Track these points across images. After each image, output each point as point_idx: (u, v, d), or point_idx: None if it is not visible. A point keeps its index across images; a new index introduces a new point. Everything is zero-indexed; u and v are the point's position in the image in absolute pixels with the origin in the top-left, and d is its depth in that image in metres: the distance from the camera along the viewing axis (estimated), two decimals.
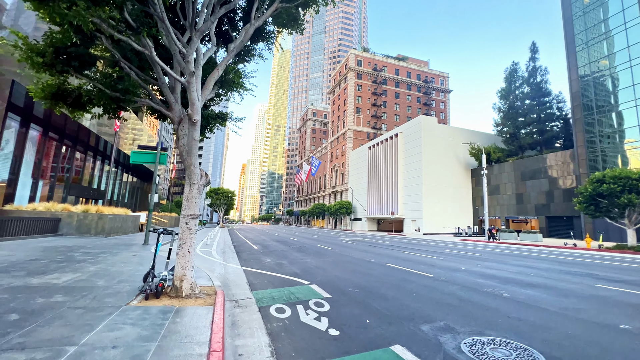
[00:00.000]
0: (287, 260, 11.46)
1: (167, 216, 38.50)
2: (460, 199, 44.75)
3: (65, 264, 7.59)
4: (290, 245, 17.94)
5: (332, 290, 6.58)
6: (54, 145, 23.61)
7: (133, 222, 21.99)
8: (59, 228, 16.14)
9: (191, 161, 5.61)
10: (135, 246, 12.83)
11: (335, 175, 76.32)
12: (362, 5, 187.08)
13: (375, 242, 23.29)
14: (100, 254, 9.72)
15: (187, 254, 5.42)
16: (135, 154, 14.97)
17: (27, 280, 5.69)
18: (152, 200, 14.09)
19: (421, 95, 77.37)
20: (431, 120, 45.21)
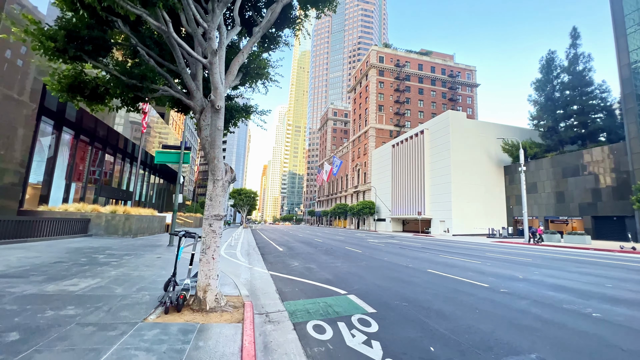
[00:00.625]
0: (315, 264, 10.64)
1: (192, 217, 39.02)
2: (492, 198, 42.11)
3: (87, 268, 7.19)
4: (316, 247, 17.14)
5: (376, 303, 5.66)
6: (85, 148, 24.30)
7: (159, 223, 22.11)
8: (89, 229, 16.31)
9: (214, 154, 4.90)
10: (160, 247, 12.53)
11: (357, 175, 74.94)
12: (381, 1, 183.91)
13: (404, 244, 22.01)
14: (124, 256, 9.36)
15: (211, 260, 4.71)
16: (159, 154, 14.77)
17: (43, 287, 5.22)
18: (177, 201, 13.79)
19: (446, 90, 74.30)
20: (460, 115, 42.92)
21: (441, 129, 42.91)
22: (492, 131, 43.50)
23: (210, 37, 4.68)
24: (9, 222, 11.54)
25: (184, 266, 7.51)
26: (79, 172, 23.71)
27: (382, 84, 70.61)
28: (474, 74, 77.67)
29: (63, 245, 11.40)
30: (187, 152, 14.87)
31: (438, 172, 42.71)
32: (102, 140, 26.08)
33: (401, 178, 51.69)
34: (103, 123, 21.75)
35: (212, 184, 4.91)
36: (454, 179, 40.09)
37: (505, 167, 43.02)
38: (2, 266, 6.85)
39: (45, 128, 19.47)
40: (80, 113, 19.98)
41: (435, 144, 43.97)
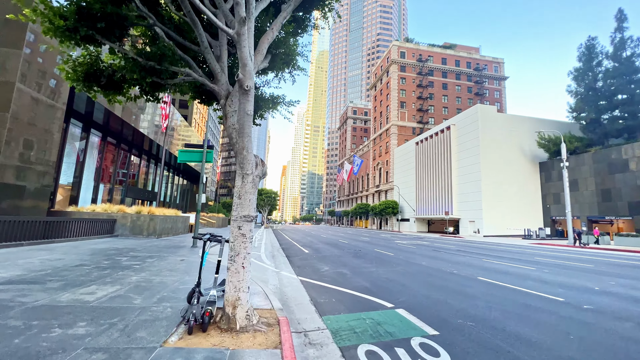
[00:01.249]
0: (347, 268, 9.76)
1: (215, 217, 39.26)
2: (526, 197, 39.40)
3: (108, 272, 6.71)
4: (342, 249, 16.26)
5: (434, 321, 4.71)
6: (112, 149, 24.75)
7: (183, 223, 22.04)
8: (115, 229, 16.31)
9: (243, 144, 4.14)
10: (184, 249, 12.12)
11: (378, 174, 73.23)
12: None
13: (436, 245, 20.65)
14: (147, 259, 8.92)
15: (240, 269, 3.96)
16: (182, 153, 14.44)
17: (57, 297, 4.68)
18: (200, 201, 13.36)
19: (472, 84, 71.02)
20: (490, 109, 40.51)
21: (469, 124, 40.68)
22: (525, 125, 40.76)
23: (237, 2, 3.93)
24: (39, 222, 11.51)
25: (209, 271, 6.89)
26: (106, 174, 24.16)
27: (404, 80, 68.52)
28: (501, 67, 73.77)
29: (88, 247, 11.20)
30: (210, 151, 14.45)
31: (466, 169, 40.53)
32: (128, 142, 26.52)
33: (426, 176, 49.70)
34: (129, 124, 21.98)
35: (241, 180, 4.16)
36: (484, 176, 37.82)
37: (540, 164, 40.12)
38: (22, 270, 6.49)
39: (75, 130, 19.84)
40: (107, 115, 20.24)
41: (463, 140, 41.77)
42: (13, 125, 11.89)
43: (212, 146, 14.69)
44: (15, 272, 6.26)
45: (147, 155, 31.37)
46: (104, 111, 19.60)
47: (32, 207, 12.96)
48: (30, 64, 12.66)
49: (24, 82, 12.30)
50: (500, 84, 72.84)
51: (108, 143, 23.91)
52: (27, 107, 12.52)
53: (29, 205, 12.84)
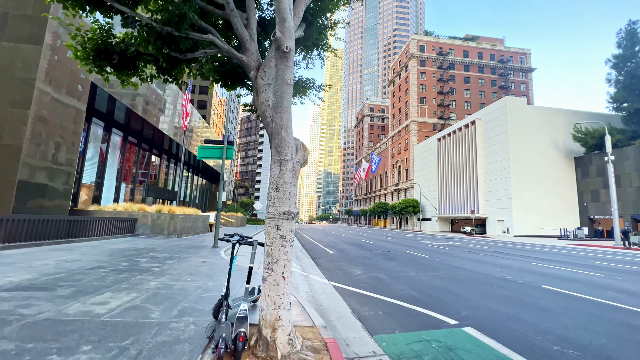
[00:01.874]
0: (382, 272, 8.80)
1: (234, 216, 39.13)
2: (560, 195, 36.83)
3: (125, 276, 6.07)
4: (369, 250, 15.26)
5: (519, 346, 3.69)
6: (133, 149, 24.81)
7: (203, 222, 21.71)
8: (136, 228, 16.04)
9: (281, 122, 3.29)
10: (205, 249, 11.52)
11: (397, 172, 71.37)
12: None
13: (470, 246, 19.26)
14: (167, 260, 8.31)
15: (280, 281, 3.11)
16: (202, 149, 13.91)
17: (64, 308, 4.01)
18: (221, 198, 12.75)
19: (496, 77, 67.83)
20: (519, 101, 38.14)
21: (496, 118, 38.47)
22: (559, 118, 38.11)
23: None
24: (60, 221, 11.23)
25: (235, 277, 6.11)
26: (128, 173, 24.24)
27: (424, 75, 66.31)
28: (528, 58, 70.05)
29: (108, 246, 10.79)
30: (230, 147, 13.84)
31: (494, 166, 38.36)
32: (148, 141, 26.58)
33: (449, 174, 47.67)
34: (149, 123, 21.86)
35: (278, 168, 3.31)
36: (513, 173, 35.61)
37: (576, 159, 37.39)
38: (34, 273, 5.96)
39: (97, 130, 19.86)
40: (128, 114, 20.15)
41: (490, 135, 39.58)
42: (34, 123, 11.68)
43: (232, 142, 14.09)
44: (26, 275, 5.72)
45: (167, 154, 31.49)
46: (125, 110, 19.49)
47: (54, 206, 12.78)
48: (51, 60, 12.44)
49: (44, 79, 12.07)
50: (526, 76, 69.22)
51: (129, 143, 23.96)
52: (48, 104, 12.31)
53: (51, 205, 12.66)
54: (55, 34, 12.52)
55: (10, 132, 11.33)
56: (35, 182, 11.91)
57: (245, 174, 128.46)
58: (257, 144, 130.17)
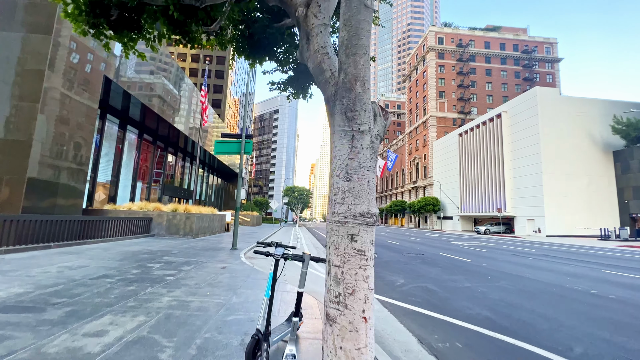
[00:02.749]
0: (430, 282, 7.51)
1: (250, 215, 38.45)
2: (597, 192, 34.16)
3: (134, 288, 5.07)
4: (399, 252, 13.95)
5: None
6: (148, 147, 24.31)
7: (220, 222, 20.91)
8: (151, 228, 15.31)
9: (356, 71, 2.10)
10: (223, 252, 10.53)
11: (415, 169, 69.18)
12: None
13: (507, 248, 17.60)
14: (183, 266, 7.32)
15: (360, 325, 1.92)
16: (219, 144, 12.95)
17: (46, 343, 2.98)
18: (240, 196, 11.74)
19: (520, 69, 64.53)
20: (551, 92, 35.60)
21: (526, 110, 36.06)
22: (595, 109, 35.35)
23: None
24: (72, 222, 10.50)
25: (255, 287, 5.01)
26: (143, 172, 23.76)
27: (443, 68, 63.82)
28: (554, 47, 66.28)
29: (120, 249, 9.96)
30: (249, 141, 12.82)
31: (523, 161, 36.01)
32: (164, 139, 26.07)
33: (472, 170, 45.41)
34: (165, 121, 21.23)
35: (349, 144, 2.12)
36: (546, 168, 33.24)
37: (615, 153, 34.58)
38: (29, 284, 5.03)
39: (112, 127, 19.34)
40: (143, 111, 19.53)
41: (518, 129, 37.20)
42: (44, 117, 10.99)
43: (250, 136, 13.06)
44: (17, 288, 4.79)
45: (183, 153, 31.03)
46: (141, 107, 18.86)
47: (67, 205, 12.12)
48: (62, 52, 11.74)
49: (54, 71, 11.38)
50: (553, 67, 65.55)
51: (145, 141, 23.46)
52: (58, 98, 11.62)
53: (64, 204, 11.99)
54: (66, 24, 11.81)
55: (19, 127, 10.67)
56: (46, 180, 11.24)
57: (259, 172, 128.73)
58: (270, 143, 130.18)
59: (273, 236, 22.41)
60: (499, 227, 37.06)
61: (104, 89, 16.07)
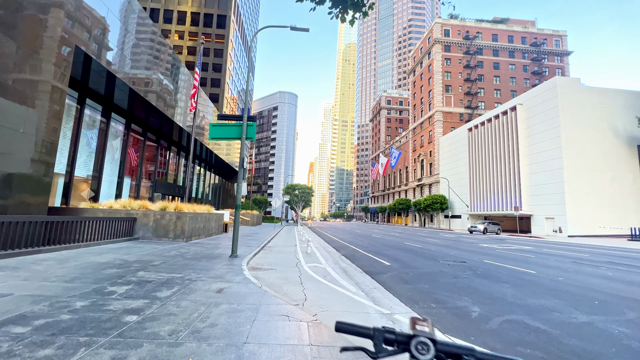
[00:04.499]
0: (522, 312, 5.22)
1: (249, 214, 36.09)
2: (621, 188, 32.05)
3: (57, 350, 2.71)
4: (434, 259, 11.67)
5: None
6: (138, 139, 21.89)
7: (217, 222, 18.56)
8: (135, 230, 12.94)
9: None
10: (220, 261, 8.19)
11: (420, 166, 66.96)
12: None
13: (547, 252, 15.37)
14: (161, 288, 4.98)
15: None
16: (215, 128, 10.58)
17: None
18: (240, 191, 9.39)
19: (528, 62, 62.37)
20: (572, 82, 33.34)
21: (544, 102, 33.84)
22: (619, 100, 33.22)
23: None
24: (29, 225, 8.15)
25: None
26: (132, 166, 21.34)
27: (449, 61, 61.53)
28: (563, 40, 64.13)
29: (85, 260, 7.60)
30: (252, 124, 10.46)
31: (541, 156, 33.81)
32: (155, 131, 23.64)
33: (483, 167, 43.21)
34: (156, 109, 18.83)
35: None
36: (567, 163, 31.06)
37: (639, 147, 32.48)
38: None
39: (92, 114, 16.91)
40: (131, 97, 17.11)
41: (535, 122, 34.98)
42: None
43: (253, 117, 10.68)
44: None
45: (177, 146, 28.58)
46: (129, 92, 16.44)
47: (26, 203, 9.71)
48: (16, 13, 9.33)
49: (6, 33, 8.97)
50: (562, 60, 63.43)
51: (133, 132, 21.03)
52: (11, 68, 9.21)
53: (21, 202, 9.58)
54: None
55: None
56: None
57: (258, 171, 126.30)
58: (269, 140, 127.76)
59: (277, 238, 20.07)
60: (495, 226, 34.44)
61: (83, 69, 13.69)
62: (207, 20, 59.73)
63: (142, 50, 17.32)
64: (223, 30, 59.84)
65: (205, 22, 59.61)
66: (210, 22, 60.06)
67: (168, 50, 20.80)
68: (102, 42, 13.69)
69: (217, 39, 60.21)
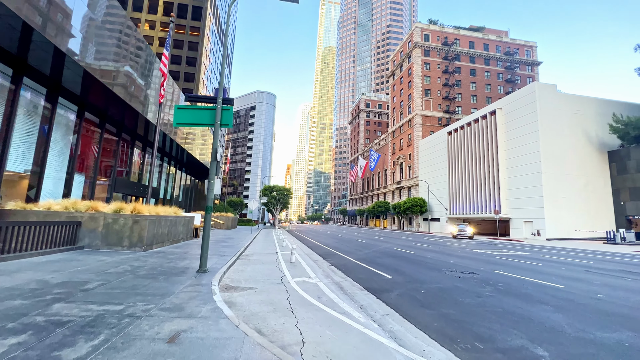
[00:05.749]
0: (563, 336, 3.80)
1: (224, 217, 33.55)
2: (593, 192, 33.07)
3: None
4: (439, 270, 10.32)
5: None
6: (94, 130, 19.02)
7: (185, 226, 16.25)
8: (79, 237, 10.52)
9: None
10: (184, 279, 6.20)
11: (399, 169, 67.03)
12: None
13: (534, 257, 14.61)
14: (84, 330, 3.03)
15: None
16: (182, 112, 8.60)
17: None
18: (212, 189, 7.49)
19: (502, 70, 64.53)
20: (549, 88, 34.07)
21: (523, 107, 34.35)
22: (590, 107, 34.44)
23: None
24: None
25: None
26: (86, 162, 18.45)
27: (428, 66, 62.18)
28: (534, 51, 67.11)
29: None
30: (228, 107, 8.58)
31: (520, 160, 34.22)
32: (116, 122, 20.76)
33: (462, 170, 43.46)
34: (117, 97, 16.23)
35: None
36: (545, 168, 31.53)
37: (610, 153, 33.72)
38: None
39: (34, 99, 14.11)
40: (86, 81, 14.46)
41: (514, 126, 35.45)
42: None
43: (230, 100, 8.78)
44: None
45: (143, 141, 25.62)
46: (83, 75, 13.84)
47: None
48: None
49: None
50: (533, 70, 66.28)
51: (88, 121, 18.17)
52: None
53: None
54: None
55: None
56: None
57: (233, 172, 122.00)
58: (246, 141, 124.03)
59: (254, 243, 18.03)
60: (466, 229, 31.55)
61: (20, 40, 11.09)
62: (181, 11, 56.34)
63: (98, 25, 14.77)
64: (198, 22, 56.73)
65: (179, 13, 56.19)
66: (184, 13, 56.73)
67: (134, 33, 18.23)
68: (44, 6, 11.18)
69: (191, 32, 56.96)
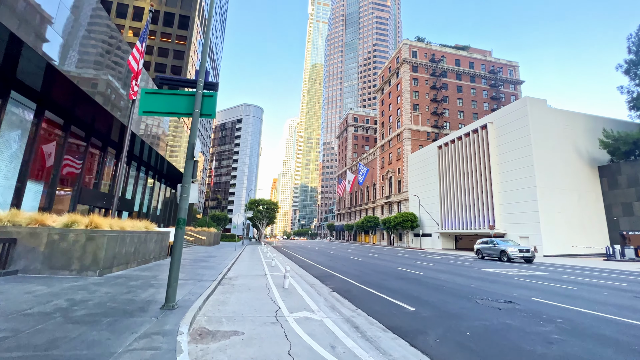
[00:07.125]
0: None
1: (206, 232, 30.90)
2: (586, 208, 32.77)
3: None
4: (466, 298, 8.58)
5: None
6: (55, 132, 16.62)
7: (158, 243, 13.90)
8: (12, 259, 8.16)
9: None
10: (139, 321, 4.13)
11: (388, 184, 66.16)
12: (396, 10, 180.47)
13: (555, 277, 13.20)
14: None
15: None
16: (150, 97, 6.71)
17: None
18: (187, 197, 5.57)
19: (487, 88, 66.08)
20: (540, 102, 34.16)
21: (515, 121, 34.23)
22: (581, 123, 34.78)
23: None
24: None
25: None
26: (43, 168, 15.93)
27: (417, 81, 62.81)
28: (516, 70, 69.42)
29: None
30: (212, 93, 6.80)
31: (513, 174, 33.73)
32: (84, 124, 18.37)
33: (454, 185, 42.77)
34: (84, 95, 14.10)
35: None
36: (539, 182, 31.03)
37: (600, 168, 33.80)
38: None
39: None
40: (49, 74, 12.34)
41: (506, 140, 35.19)
42: None
43: (213, 85, 7.00)
44: None
45: (116, 148, 23.15)
46: (46, 68, 11.73)
47: None
48: None
49: None
50: (516, 88, 68.27)
51: (48, 122, 15.81)
52: None
53: None
54: None
55: None
56: None
57: (217, 185, 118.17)
58: (231, 154, 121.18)
59: (239, 262, 15.77)
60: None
61: None
62: (167, 19, 54.89)
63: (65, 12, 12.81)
64: (185, 31, 55.30)
65: (165, 21, 54.71)
66: (171, 21, 55.30)
67: (106, 22, 16.33)
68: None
69: (177, 40, 55.34)
